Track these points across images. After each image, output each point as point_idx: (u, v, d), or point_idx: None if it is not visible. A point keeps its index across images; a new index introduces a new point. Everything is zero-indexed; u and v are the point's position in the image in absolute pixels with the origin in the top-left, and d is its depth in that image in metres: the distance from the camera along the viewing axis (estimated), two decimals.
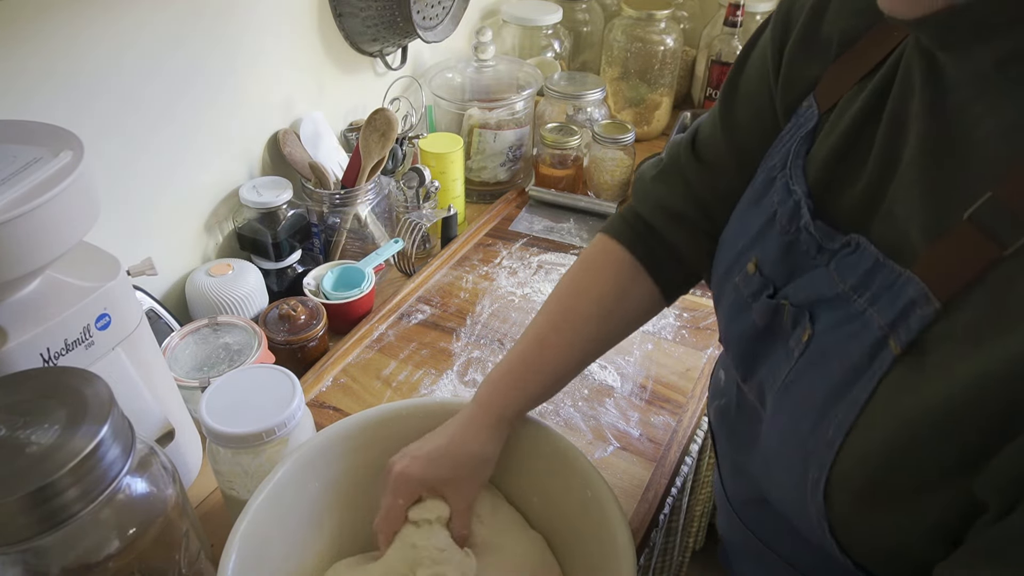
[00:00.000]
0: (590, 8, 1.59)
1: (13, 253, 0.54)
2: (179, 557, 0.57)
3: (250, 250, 1.07)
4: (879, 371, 0.42)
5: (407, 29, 1.15)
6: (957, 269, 0.39)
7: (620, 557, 0.57)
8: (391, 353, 0.99)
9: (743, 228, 0.57)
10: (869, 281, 0.45)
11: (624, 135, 1.26)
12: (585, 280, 0.69)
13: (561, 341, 0.67)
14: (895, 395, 0.42)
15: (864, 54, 0.50)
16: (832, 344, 0.47)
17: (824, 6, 0.54)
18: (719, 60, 1.45)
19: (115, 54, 0.85)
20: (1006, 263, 0.38)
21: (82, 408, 0.50)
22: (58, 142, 0.59)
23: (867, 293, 0.45)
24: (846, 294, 0.46)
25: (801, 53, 0.55)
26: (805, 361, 0.49)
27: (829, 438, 0.44)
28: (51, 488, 0.46)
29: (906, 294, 0.42)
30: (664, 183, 0.67)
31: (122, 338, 0.66)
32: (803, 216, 0.51)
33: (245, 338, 0.89)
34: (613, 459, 0.84)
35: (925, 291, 0.41)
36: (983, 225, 0.38)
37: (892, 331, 0.42)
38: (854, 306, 0.45)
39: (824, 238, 0.49)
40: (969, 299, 0.39)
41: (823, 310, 0.48)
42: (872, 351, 0.43)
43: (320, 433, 0.66)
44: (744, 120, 0.61)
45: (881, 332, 0.43)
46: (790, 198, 0.52)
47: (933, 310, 0.40)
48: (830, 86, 0.52)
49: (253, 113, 1.07)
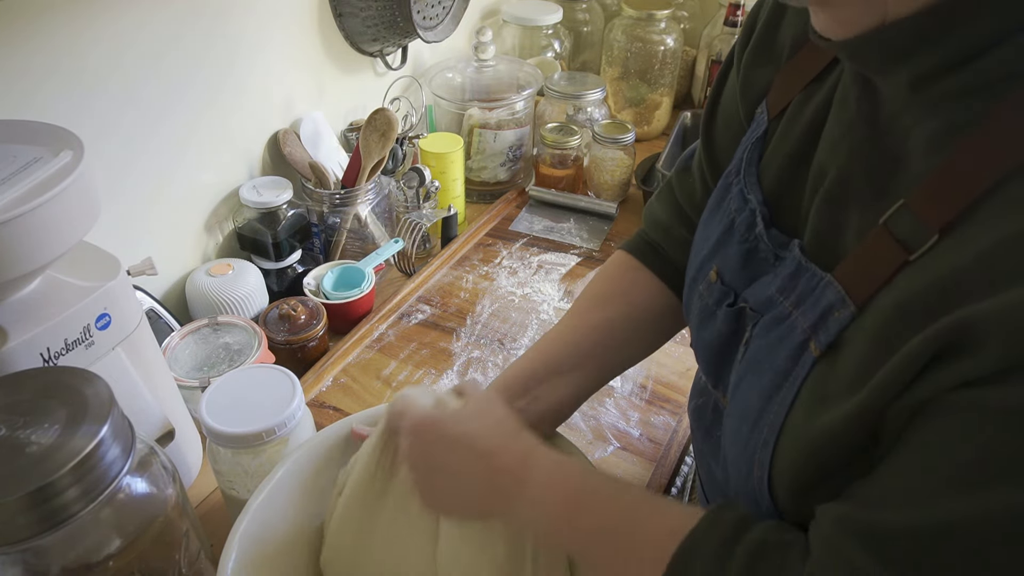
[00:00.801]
0: (590, 8, 1.59)
1: (13, 253, 0.54)
2: (179, 557, 0.57)
3: (250, 250, 1.07)
4: (801, 373, 0.44)
5: (407, 29, 1.15)
6: (870, 273, 0.41)
7: None
8: (391, 353, 0.99)
9: (705, 237, 0.58)
10: (794, 285, 0.46)
11: (624, 135, 1.26)
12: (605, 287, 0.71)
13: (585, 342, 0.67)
14: (814, 397, 0.43)
15: (808, 60, 0.51)
16: (764, 347, 0.48)
17: (781, 13, 0.55)
18: (719, 60, 1.45)
19: (115, 54, 0.85)
20: (910, 267, 0.39)
21: (82, 408, 0.50)
22: (58, 142, 0.59)
23: (792, 296, 0.46)
24: (773, 297, 0.48)
25: (755, 59, 0.57)
26: (744, 365, 0.50)
27: (764, 439, 0.46)
28: (51, 488, 0.46)
29: (826, 297, 0.43)
30: (658, 198, 0.71)
31: (122, 338, 0.66)
32: (758, 224, 0.51)
33: (245, 338, 0.90)
34: (613, 459, 0.84)
35: (842, 294, 0.42)
36: (894, 231, 0.40)
37: (813, 334, 0.44)
38: (780, 309, 0.47)
39: (778, 246, 0.50)
40: (879, 302, 0.40)
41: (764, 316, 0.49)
42: (795, 353, 0.45)
43: (320, 433, 0.66)
44: (720, 129, 0.62)
45: (803, 335, 0.44)
46: (746, 206, 0.53)
47: (849, 313, 0.41)
48: (779, 92, 0.53)
49: (253, 113, 1.07)
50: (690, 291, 0.60)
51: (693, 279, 0.59)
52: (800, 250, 0.47)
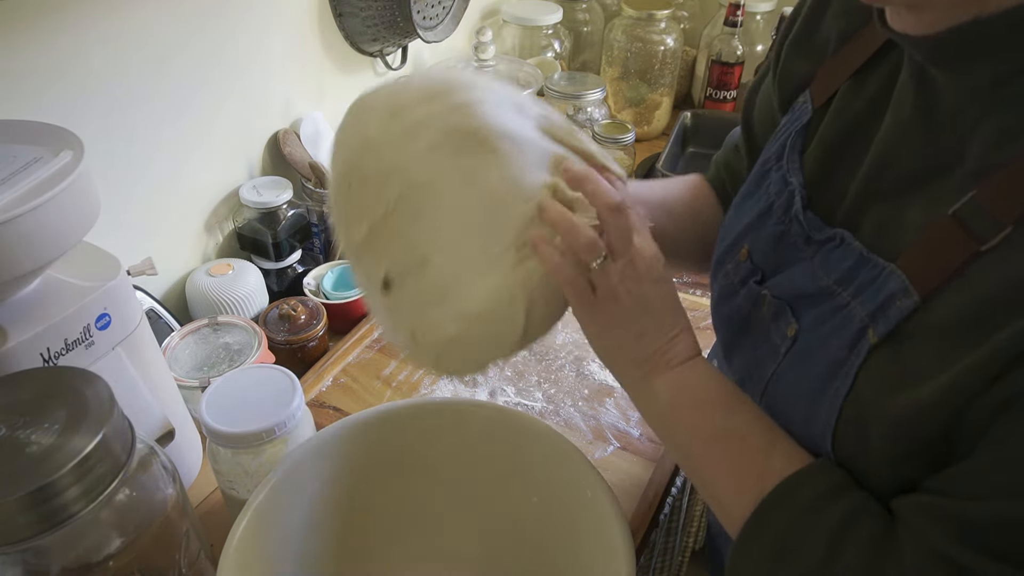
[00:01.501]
0: (590, 8, 1.59)
1: (13, 253, 0.54)
2: (179, 557, 0.57)
3: (250, 250, 1.07)
4: (857, 361, 0.44)
5: (407, 29, 1.15)
6: (937, 263, 0.41)
7: (620, 557, 0.57)
8: (391, 353, 0.99)
9: (737, 219, 0.59)
10: (854, 275, 0.46)
11: (624, 135, 1.26)
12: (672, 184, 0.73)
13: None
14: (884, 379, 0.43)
15: (856, 51, 0.52)
16: (817, 339, 0.48)
17: (824, 7, 0.56)
18: (719, 60, 1.45)
19: (116, 54, 0.85)
20: (982, 258, 0.39)
21: (82, 408, 0.50)
22: (58, 142, 0.59)
23: (851, 287, 0.46)
24: (830, 288, 0.47)
25: (795, 51, 0.58)
26: (793, 357, 0.50)
27: (823, 423, 0.46)
28: (51, 488, 0.46)
29: (888, 287, 0.43)
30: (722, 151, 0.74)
31: (122, 338, 0.66)
32: (795, 205, 0.52)
33: (245, 338, 0.90)
34: (613, 459, 0.84)
35: (906, 284, 0.42)
36: (964, 222, 0.40)
37: (872, 322, 0.43)
38: (838, 300, 0.47)
39: (813, 229, 0.50)
40: (946, 294, 0.40)
41: (806, 306, 0.49)
42: (852, 343, 0.44)
43: (320, 433, 0.66)
44: (758, 116, 0.65)
45: (861, 324, 0.44)
46: (786, 189, 0.54)
47: (912, 302, 0.41)
48: (824, 82, 0.54)
49: (253, 113, 1.07)
50: (716, 269, 0.60)
51: (720, 259, 0.60)
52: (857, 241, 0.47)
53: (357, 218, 0.51)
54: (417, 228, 0.50)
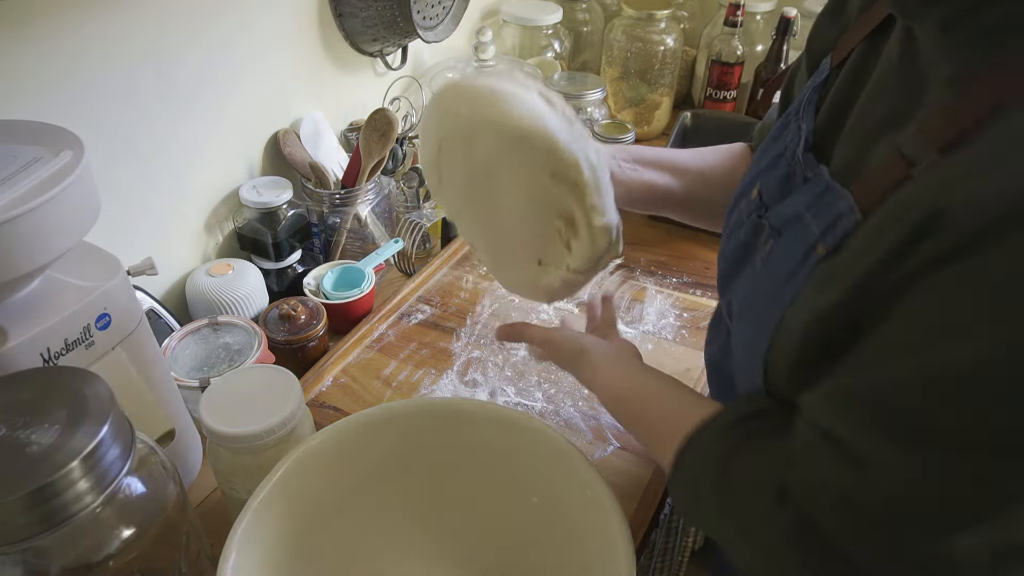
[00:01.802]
0: (590, 8, 1.59)
1: (13, 253, 0.54)
2: (179, 557, 0.57)
3: (250, 250, 1.07)
4: (804, 272, 0.49)
5: (407, 29, 1.15)
6: (878, 186, 0.46)
7: (620, 557, 0.57)
8: (391, 353, 0.99)
9: (757, 163, 0.64)
10: (819, 201, 0.51)
11: (624, 135, 1.26)
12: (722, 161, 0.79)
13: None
14: (812, 289, 0.48)
15: (874, 14, 0.56)
16: (781, 255, 0.53)
17: None
18: (719, 60, 1.45)
19: (116, 54, 0.85)
20: (911, 181, 0.43)
21: (82, 408, 0.50)
22: (58, 142, 0.59)
23: (814, 210, 0.51)
24: (801, 213, 0.52)
25: (825, 20, 0.64)
26: (762, 272, 0.56)
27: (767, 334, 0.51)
28: (51, 488, 0.46)
29: (838, 207, 0.48)
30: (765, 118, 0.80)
31: (122, 338, 0.66)
32: (799, 146, 0.57)
33: (245, 338, 0.90)
34: (613, 459, 0.84)
35: (852, 204, 0.47)
36: (902, 150, 0.44)
37: (822, 238, 0.49)
38: (803, 221, 0.52)
39: (808, 167, 0.55)
40: (877, 210, 0.45)
41: (786, 231, 0.55)
42: (804, 256, 0.50)
43: (320, 433, 0.66)
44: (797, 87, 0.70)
45: (814, 239, 0.50)
46: (799, 133, 0.59)
47: (855, 220, 0.47)
48: (844, 44, 0.59)
49: (253, 113, 1.07)
50: (733, 205, 0.66)
51: (737, 198, 0.65)
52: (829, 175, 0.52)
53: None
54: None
